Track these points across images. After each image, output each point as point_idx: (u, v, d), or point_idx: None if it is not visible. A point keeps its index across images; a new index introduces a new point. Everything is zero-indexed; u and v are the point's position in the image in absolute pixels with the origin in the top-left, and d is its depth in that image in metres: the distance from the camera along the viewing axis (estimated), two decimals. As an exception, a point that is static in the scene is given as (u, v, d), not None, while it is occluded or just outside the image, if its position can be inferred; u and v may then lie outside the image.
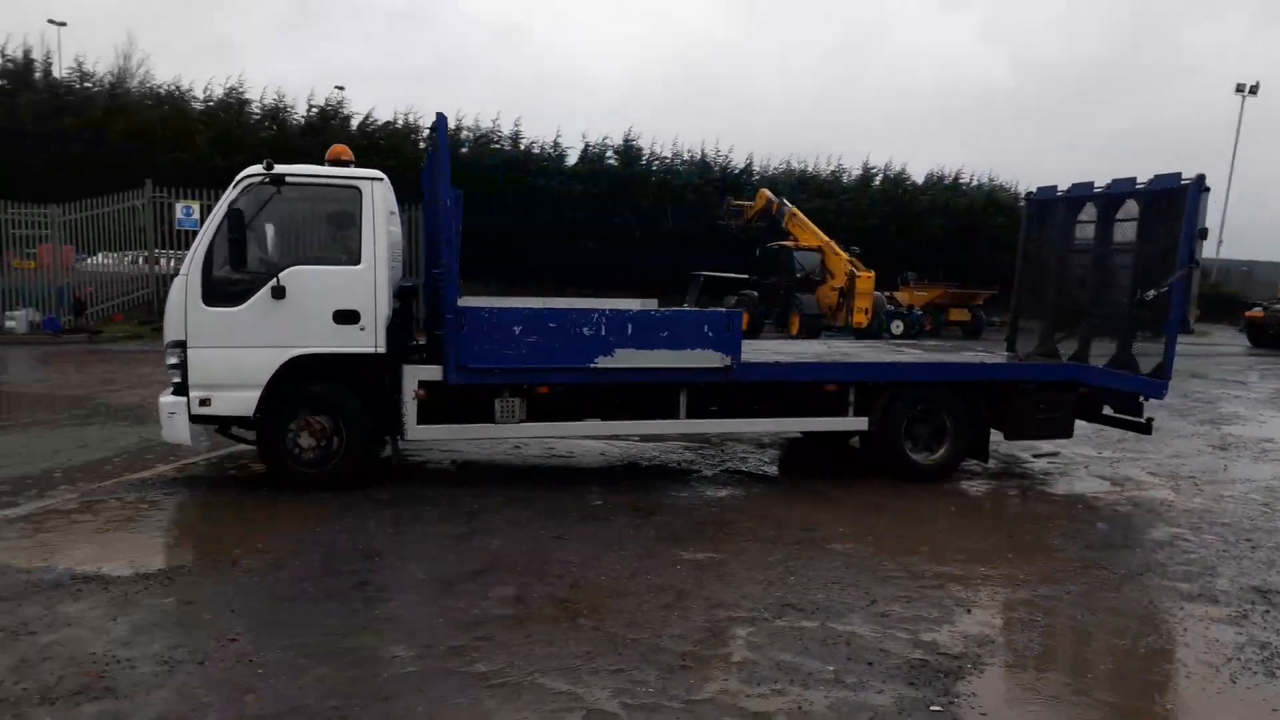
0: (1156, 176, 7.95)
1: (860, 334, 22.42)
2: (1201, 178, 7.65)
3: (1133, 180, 8.22)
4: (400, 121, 34.89)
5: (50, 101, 28.93)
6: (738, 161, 41.08)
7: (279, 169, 6.71)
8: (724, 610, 4.66)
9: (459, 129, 35.64)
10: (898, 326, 25.64)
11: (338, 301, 6.75)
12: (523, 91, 73.95)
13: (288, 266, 6.71)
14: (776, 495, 7.31)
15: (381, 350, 6.83)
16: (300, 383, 6.80)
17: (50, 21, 35.88)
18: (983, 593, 5.12)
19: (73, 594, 4.64)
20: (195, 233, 20.83)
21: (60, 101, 29.22)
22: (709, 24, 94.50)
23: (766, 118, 72.08)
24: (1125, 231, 8.36)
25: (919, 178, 41.13)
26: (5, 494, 6.56)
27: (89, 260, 21.08)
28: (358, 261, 6.81)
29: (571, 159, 37.64)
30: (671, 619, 4.51)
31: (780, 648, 4.21)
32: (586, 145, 37.93)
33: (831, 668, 4.02)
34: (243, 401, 6.66)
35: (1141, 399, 8.10)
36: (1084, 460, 9.11)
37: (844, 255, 24.66)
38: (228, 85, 33.04)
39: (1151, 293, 7.93)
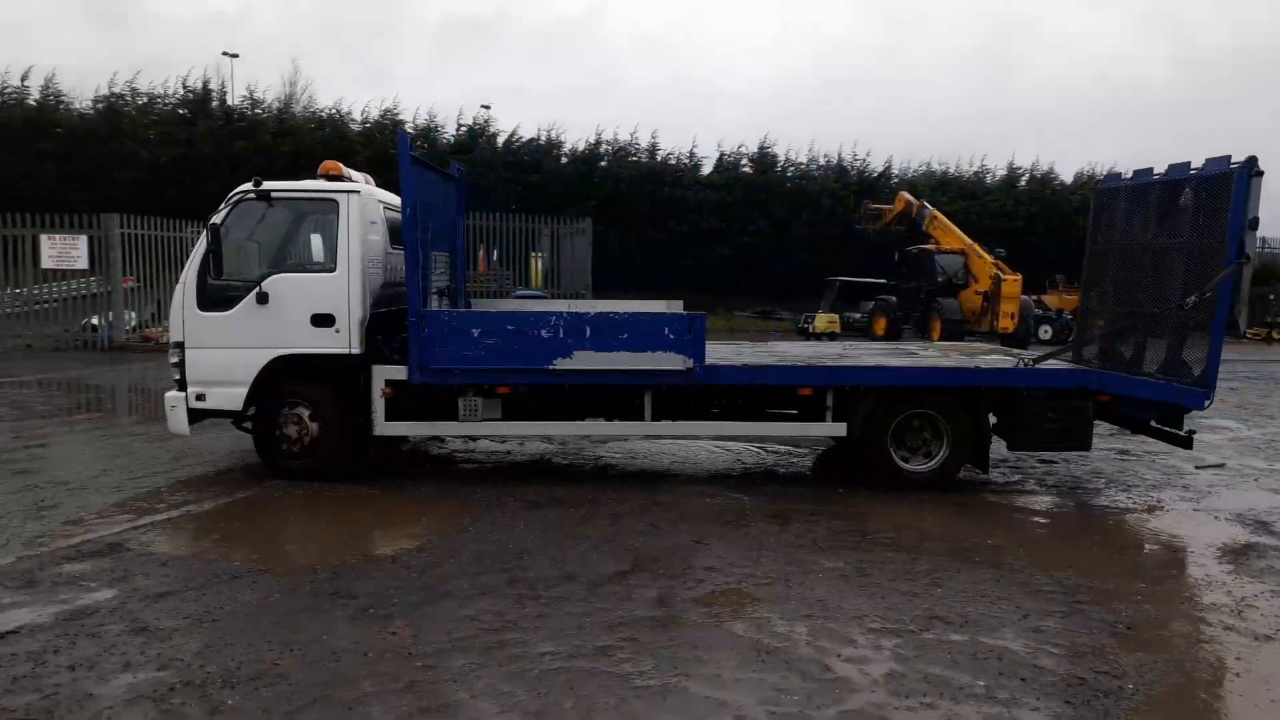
0: (1208, 161, 7.17)
1: (1006, 339, 21.59)
2: (1252, 160, 6.87)
3: (1187, 165, 7.44)
4: (543, 138, 35.80)
5: (225, 128, 31.14)
6: (875, 164, 40.30)
7: (266, 185, 7.39)
8: (868, 621, 4.59)
9: (598, 143, 36.32)
10: (1046, 331, 24.57)
11: (314, 306, 7.31)
12: (660, 104, 74.59)
13: (272, 274, 7.32)
14: (917, 505, 7.13)
15: (355, 351, 7.33)
16: (286, 381, 7.40)
17: (224, 54, 38.55)
18: (1143, 611, 4.86)
19: (249, 585, 4.99)
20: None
21: (233, 127, 31.41)
22: (846, 26, 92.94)
23: (905, 119, 70.10)
24: (1182, 223, 7.46)
25: (1067, 177, 39.41)
26: (192, 490, 7.11)
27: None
28: (333, 269, 7.33)
29: (706, 168, 37.77)
30: (815, 628, 4.48)
31: (928, 660, 4.13)
32: (721, 154, 38.04)
33: (983, 682, 3.91)
34: (232, 398, 7.37)
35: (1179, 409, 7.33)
36: (1254, 473, 8.50)
37: (988, 258, 23.81)
38: (383, 108, 34.77)
39: (1193, 298, 7.16)
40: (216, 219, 7.28)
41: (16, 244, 19.42)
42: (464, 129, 35.01)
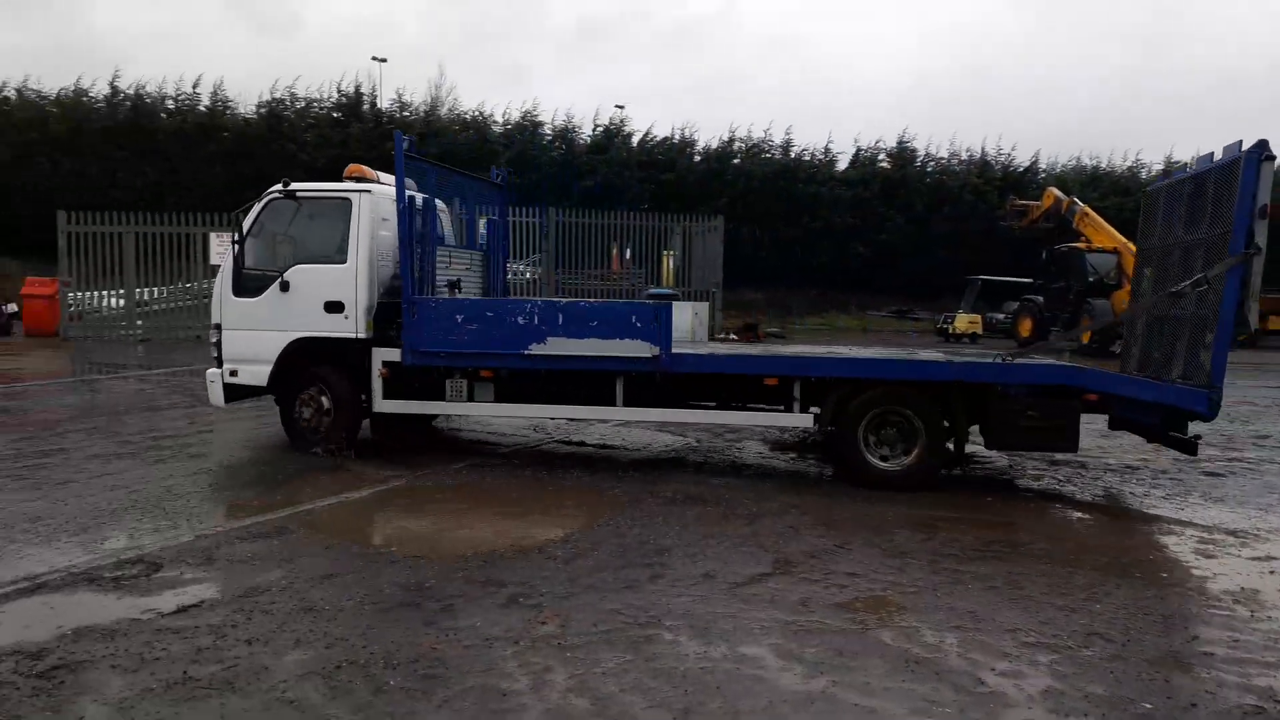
0: (1226, 148, 6.69)
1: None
2: (1262, 144, 6.49)
3: (1211, 156, 6.95)
4: (677, 136, 35.99)
5: (375, 130, 32.63)
6: (1021, 158, 38.89)
7: (293, 186, 8.33)
8: (1022, 635, 4.43)
9: (731, 140, 36.25)
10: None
11: (327, 294, 8.14)
12: (795, 99, 73.74)
13: (294, 266, 8.15)
14: (1076, 517, 6.82)
15: (361, 335, 8.11)
16: (305, 361, 8.24)
17: (373, 59, 40.42)
18: (1333, 640, 4.52)
19: (406, 569, 5.21)
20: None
21: (383, 129, 32.82)
22: (990, 12, 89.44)
23: (1053, 112, 67.20)
24: (1203, 216, 7.04)
25: (1237, 170, 36.79)
26: (349, 479, 7.48)
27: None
28: (344, 260, 8.12)
29: (842, 164, 37.18)
30: (966, 640, 4.36)
31: (1089, 679, 3.95)
32: (858, 149, 37.40)
33: (1149, 704, 3.72)
34: (259, 374, 8.29)
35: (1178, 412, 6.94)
36: None
37: (1145, 258, 22.51)
38: (523, 109, 35.75)
39: (1184, 285, 6.91)
40: (250, 215, 8.37)
41: (189, 241, 20.91)
42: (600, 129, 35.52)
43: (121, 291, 21.47)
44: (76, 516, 6.17)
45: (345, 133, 32.31)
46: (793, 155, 36.77)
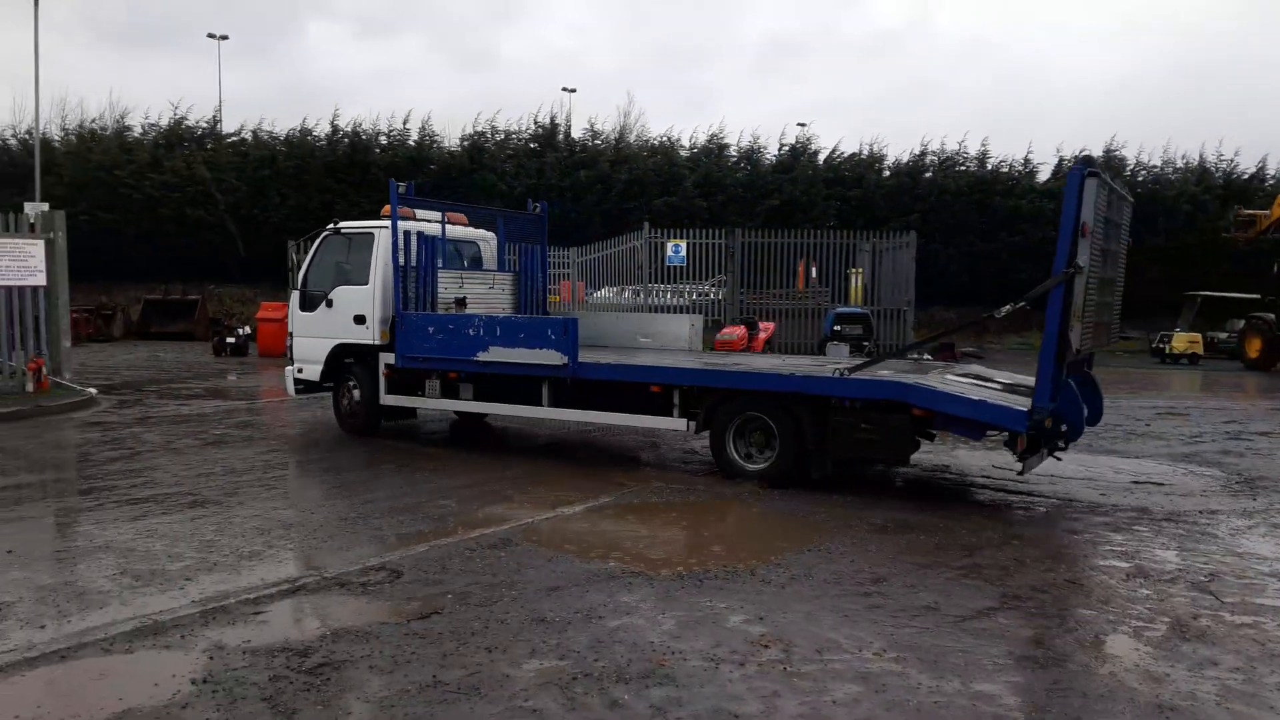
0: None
1: None
2: (1086, 160, 6.70)
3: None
4: (865, 152, 35.37)
5: (568, 158, 33.84)
6: (1245, 164, 35.71)
7: (340, 225, 10.63)
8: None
9: (923, 154, 35.24)
10: None
11: (355, 309, 10.20)
12: (990, 108, 70.86)
13: (336, 287, 10.35)
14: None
15: (376, 342, 10.02)
16: (345, 362, 10.42)
17: (564, 89, 41.91)
18: None
19: (625, 586, 5.36)
20: (682, 268, 22.94)
21: (576, 158, 34.05)
22: (1203, 9, 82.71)
23: (1282, 111, 61.24)
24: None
25: None
26: (563, 494, 7.77)
27: (595, 294, 24.26)
28: (366, 283, 10.12)
29: (1043, 175, 35.33)
30: (1225, 690, 4.03)
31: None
32: (1060, 159, 35.41)
33: None
34: (315, 372, 10.63)
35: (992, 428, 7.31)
36: None
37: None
38: (709, 132, 36.12)
39: (1006, 309, 7.44)
40: (311, 249, 10.78)
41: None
42: (785, 149, 35.39)
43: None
44: (323, 525, 6.72)
45: (541, 161, 33.67)
46: (989, 167, 35.29)
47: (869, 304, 23.81)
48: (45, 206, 15.58)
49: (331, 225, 10.65)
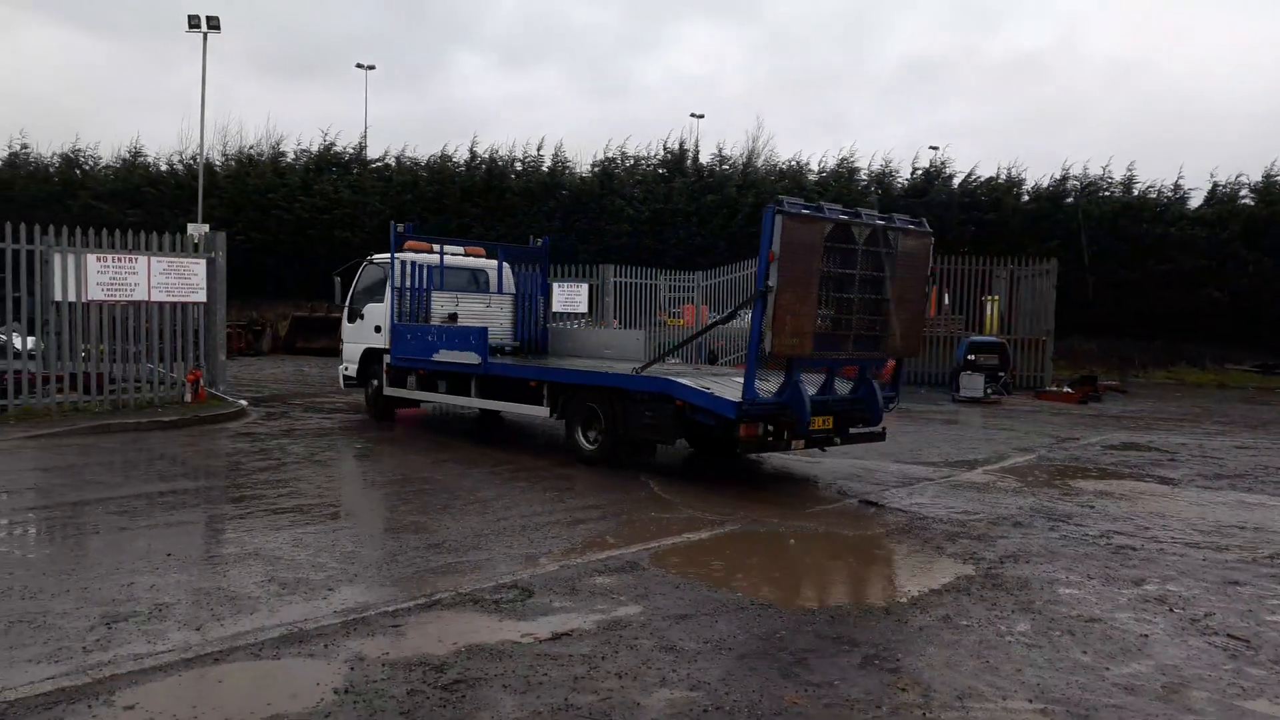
0: None
1: None
2: (778, 200, 7.98)
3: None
4: (1002, 176, 34.31)
5: (696, 183, 34.05)
6: None
7: (373, 256, 13.97)
8: None
9: (1064, 178, 33.93)
10: None
11: (376, 321, 13.55)
12: (1137, 132, 67.68)
13: (367, 304, 13.87)
14: None
15: (385, 347, 13.09)
16: (372, 363, 13.72)
17: (691, 115, 42.23)
18: None
19: (755, 617, 5.26)
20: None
21: (703, 183, 34.22)
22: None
23: None
24: None
25: None
26: (685, 522, 7.72)
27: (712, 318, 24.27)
28: (382, 300, 13.28)
29: (1194, 200, 33.44)
30: None
31: None
32: (1214, 185, 33.40)
33: None
34: (354, 369, 14.19)
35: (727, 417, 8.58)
36: None
37: None
38: (839, 156, 35.75)
39: (722, 316, 10.60)
40: (356, 274, 14.19)
41: (531, 290, 22.98)
42: (918, 173, 34.64)
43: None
44: (457, 540, 6.87)
45: (669, 187, 33.98)
46: (1135, 193, 33.65)
47: (1005, 333, 22.95)
48: (206, 228, 16.75)
49: (368, 258, 14.00)
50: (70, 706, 3.88)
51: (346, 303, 14.16)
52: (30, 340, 13.33)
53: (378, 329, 13.35)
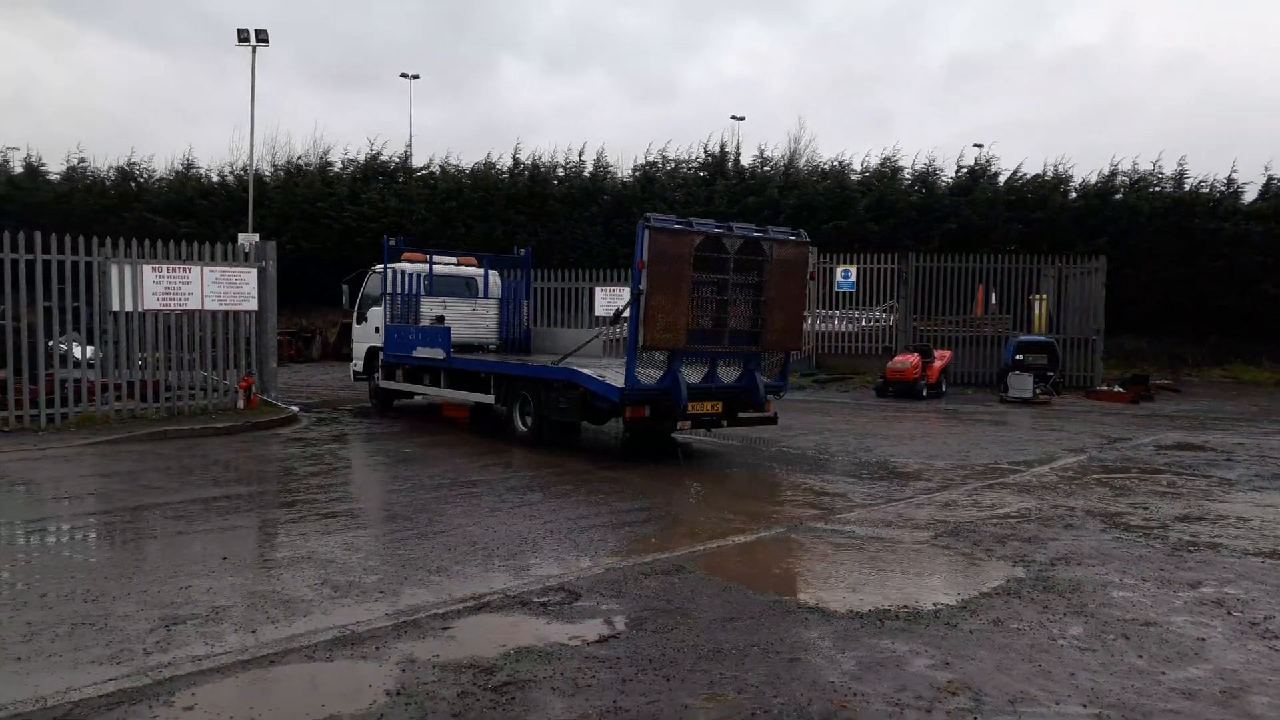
0: None
1: None
2: (646, 216, 9.45)
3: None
4: (1049, 173, 33.75)
5: (738, 185, 33.95)
6: None
7: (376, 266, 15.65)
8: None
9: (1113, 174, 33.28)
10: None
11: (375, 323, 15.54)
12: (1189, 126, 66.16)
13: (370, 307, 15.96)
14: None
15: (381, 345, 15.17)
16: (374, 359, 15.78)
17: (733, 118, 42.10)
18: None
19: (801, 621, 5.26)
20: (852, 294, 22.63)
21: (745, 185, 34.10)
22: None
23: None
24: None
25: None
26: (728, 524, 7.72)
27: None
28: (380, 305, 15.20)
29: (1249, 195, 32.59)
30: None
31: None
32: (1269, 178, 32.50)
33: None
34: (359, 366, 16.45)
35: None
36: None
37: None
38: (883, 155, 35.48)
39: (613, 314, 12.24)
40: (364, 281, 16.37)
41: (577, 295, 23.04)
42: (964, 171, 34.20)
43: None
44: (504, 543, 6.94)
45: (710, 190, 33.90)
46: (1187, 188, 32.84)
47: (1053, 332, 22.58)
48: (256, 237, 17.28)
49: (372, 267, 16.06)
50: (132, 707, 4.00)
51: (355, 307, 16.57)
52: (89, 349, 13.69)
53: (377, 330, 15.49)
